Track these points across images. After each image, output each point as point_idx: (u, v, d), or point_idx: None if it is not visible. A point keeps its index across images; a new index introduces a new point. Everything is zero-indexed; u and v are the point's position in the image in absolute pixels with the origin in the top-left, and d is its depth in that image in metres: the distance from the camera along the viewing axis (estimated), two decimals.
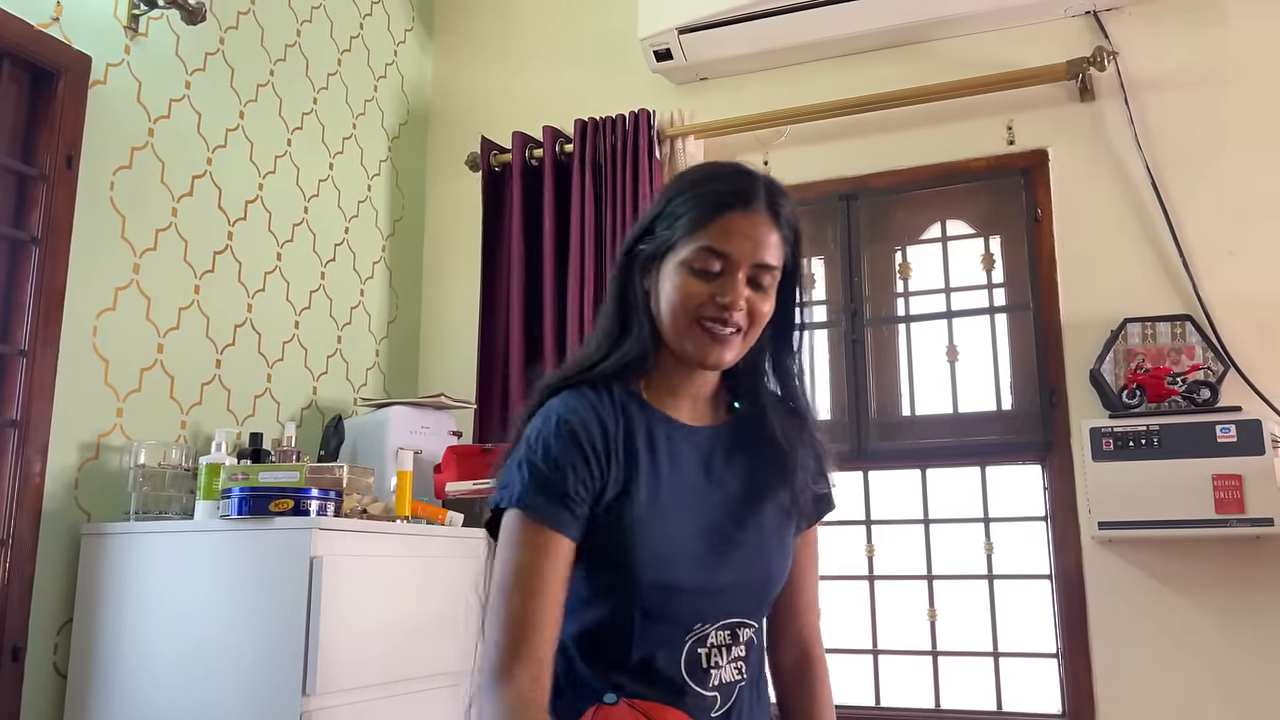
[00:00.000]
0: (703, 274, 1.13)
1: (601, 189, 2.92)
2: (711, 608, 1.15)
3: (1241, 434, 2.22)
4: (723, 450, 1.21)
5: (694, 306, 1.13)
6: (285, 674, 1.83)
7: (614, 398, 1.17)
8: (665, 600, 1.11)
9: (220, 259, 2.48)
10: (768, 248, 1.14)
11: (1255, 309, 2.41)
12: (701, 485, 1.18)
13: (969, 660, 2.60)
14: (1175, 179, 2.52)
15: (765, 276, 1.15)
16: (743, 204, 1.14)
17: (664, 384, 1.20)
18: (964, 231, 2.79)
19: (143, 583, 1.99)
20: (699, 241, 1.13)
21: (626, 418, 1.16)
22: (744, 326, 1.14)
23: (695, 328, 1.14)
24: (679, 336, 1.15)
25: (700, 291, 1.13)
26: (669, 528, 1.13)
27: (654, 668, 1.11)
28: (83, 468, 2.09)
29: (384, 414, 2.64)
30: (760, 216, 1.14)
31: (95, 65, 2.17)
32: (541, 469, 1.10)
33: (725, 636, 1.15)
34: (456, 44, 3.43)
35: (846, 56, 2.88)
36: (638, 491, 1.12)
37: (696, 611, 1.14)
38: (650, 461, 1.15)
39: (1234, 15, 2.55)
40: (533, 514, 1.08)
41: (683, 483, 1.16)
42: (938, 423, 2.70)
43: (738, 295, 1.12)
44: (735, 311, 1.12)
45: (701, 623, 1.14)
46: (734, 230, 1.13)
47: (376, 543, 2.04)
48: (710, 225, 1.13)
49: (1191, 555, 2.36)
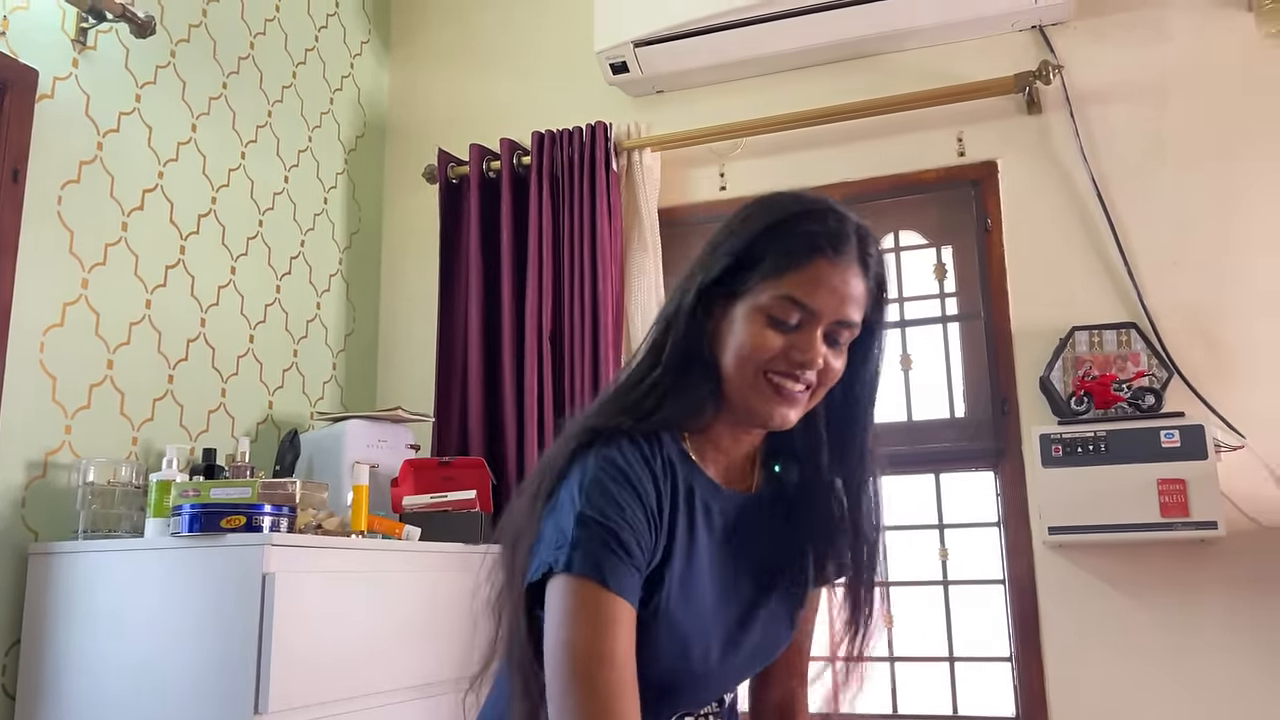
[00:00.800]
0: (779, 324, 1.02)
1: (559, 201, 2.93)
2: (712, 692, 1.11)
3: (1185, 439, 2.27)
4: (751, 521, 1.11)
5: (765, 360, 1.02)
6: (238, 692, 1.81)
7: (664, 453, 1.04)
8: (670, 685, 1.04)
9: (173, 273, 2.45)
10: (853, 303, 1.03)
11: (1197, 317, 2.47)
12: (726, 564, 1.08)
13: (925, 665, 2.62)
14: (1120, 190, 2.58)
15: (844, 333, 1.04)
16: (834, 251, 1.02)
17: (710, 440, 1.09)
18: (916, 242, 2.83)
19: (92, 602, 1.96)
20: (781, 290, 1.01)
21: (673, 479, 1.04)
22: (814, 385, 1.04)
23: (762, 381, 1.03)
24: (743, 389, 1.04)
25: (775, 345, 1.02)
26: (693, 614, 1.03)
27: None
28: (30, 486, 2.05)
29: (340, 428, 2.62)
30: (851, 267, 1.03)
31: (42, 79, 2.15)
32: (602, 528, 0.95)
33: (712, 707, 1.13)
34: (413, 56, 3.43)
35: (800, 70, 2.92)
36: (671, 568, 1.02)
37: (695, 696, 1.10)
38: (689, 534, 1.04)
39: (1175, 31, 2.61)
40: (595, 577, 0.92)
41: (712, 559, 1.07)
42: (892, 431, 2.73)
43: (816, 354, 1.02)
44: (810, 370, 1.03)
45: (697, 706, 1.11)
46: (822, 281, 1.01)
47: (331, 558, 2.03)
48: (797, 272, 1.01)
49: (1139, 558, 2.41)
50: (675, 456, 1.05)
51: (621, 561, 0.94)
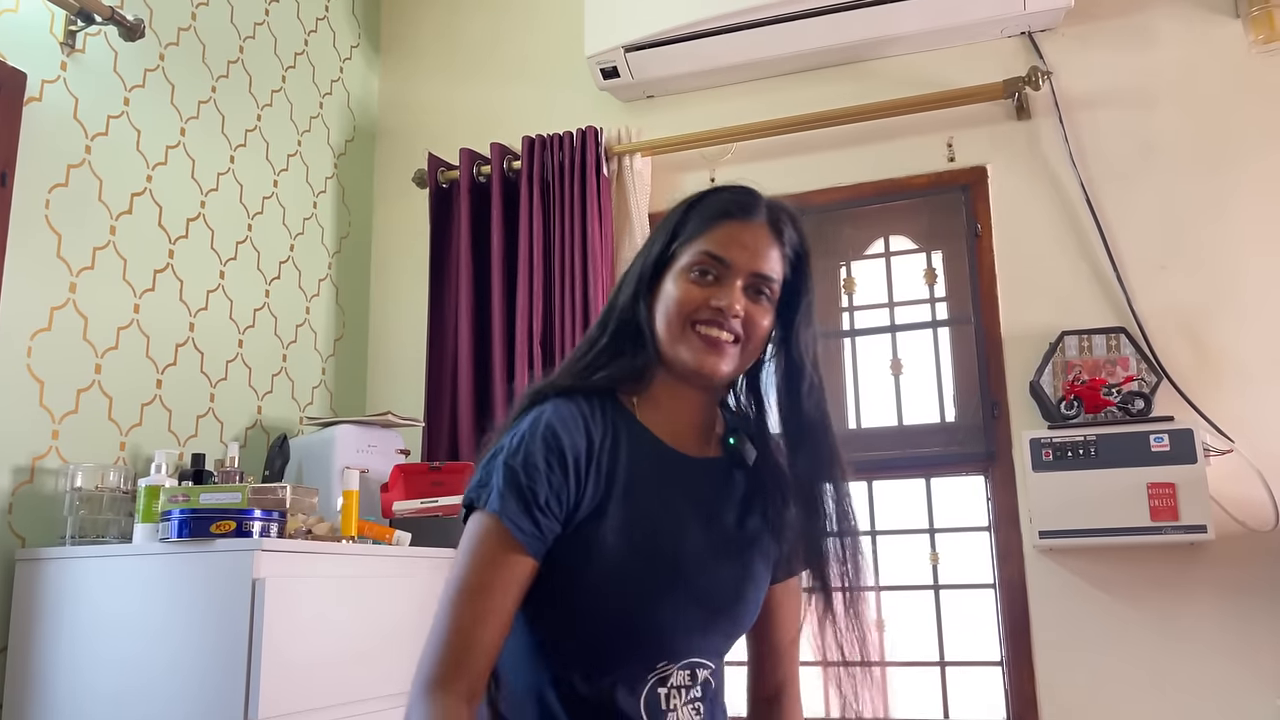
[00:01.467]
0: (701, 279, 1.13)
1: (549, 206, 2.93)
2: (676, 647, 1.12)
3: (1174, 443, 2.28)
4: (709, 485, 1.17)
5: (690, 310, 1.12)
6: (228, 698, 1.79)
7: (605, 411, 1.13)
8: (630, 635, 1.08)
9: (161, 277, 2.44)
10: (766, 259, 1.14)
11: (1186, 321, 2.48)
12: (681, 517, 1.13)
13: (916, 670, 2.63)
14: (1108, 195, 2.59)
15: (764, 288, 1.14)
16: (743, 213, 1.15)
17: (658, 406, 1.17)
18: (907, 247, 2.83)
19: (80, 608, 1.94)
20: (699, 247, 1.14)
21: (614, 434, 1.12)
22: (740, 336, 1.13)
23: (690, 332, 1.12)
24: (674, 342, 1.13)
25: (697, 296, 1.12)
26: (641, 559, 1.08)
27: (615, 707, 1.08)
28: (16, 491, 2.04)
29: (330, 433, 2.61)
30: (760, 228, 1.15)
31: (30, 82, 2.13)
32: (518, 474, 1.05)
33: (685, 677, 1.13)
34: (403, 61, 3.42)
35: (790, 75, 2.93)
36: (612, 516, 1.08)
37: (661, 649, 1.11)
38: (630, 484, 1.10)
39: (1163, 38, 2.63)
40: (502, 520, 1.03)
41: (662, 512, 1.12)
42: (883, 435, 2.74)
43: (734, 300, 1.11)
44: (731, 317, 1.11)
45: (665, 662, 1.11)
46: (733, 237, 1.13)
47: (321, 563, 2.02)
48: (711, 232, 1.14)
49: (1128, 562, 2.42)
50: (617, 415, 1.14)
51: (528, 511, 1.04)
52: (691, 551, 1.12)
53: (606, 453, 1.10)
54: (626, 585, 1.07)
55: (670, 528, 1.12)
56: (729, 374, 1.14)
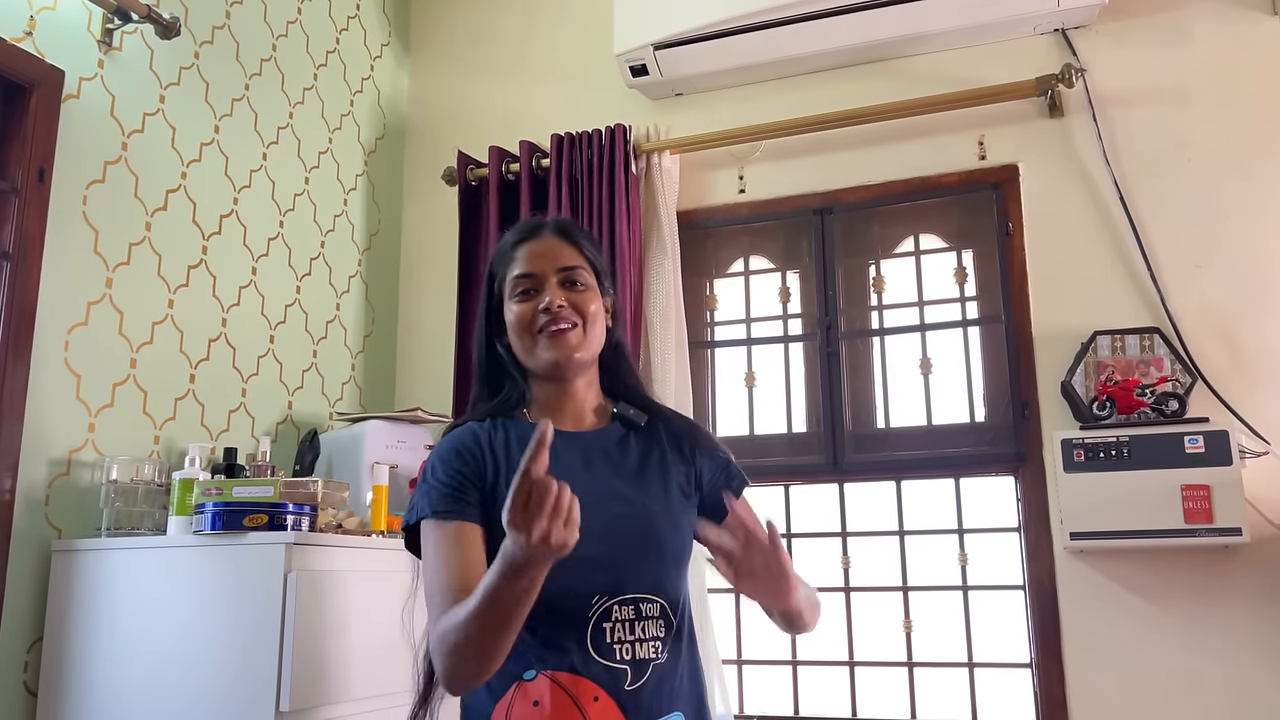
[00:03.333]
0: (524, 297, 1.35)
1: (578, 203, 2.93)
2: (603, 580, 1.25)
3: (1209, 445, 2.25)
4: (605, 448, 1.37)
5: (527, 322, 1.34)
6: (259, 690, 1.81)
7: (495, 423, 1.36)
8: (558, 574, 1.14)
9: (195, 273, 2.47)
10: (564, 256, 1.37)
11: (1221, 321, 2.45)
12: (581, 475, 1.29)
13: (944, 671, 2.61)
14: (1143, 193, 2.57)
15: (578, 275, 1.36)
16: (531, 234, 1.39)
17: (543, 407, 1.38)
18: (937, 245, 2.82)
19: (114, 600, 1.97)
20: (511, 274, 1.37)
21: (507, 433, 1.34)
22: (578, 321, 1.34)
23: (538, 338, 1.33)
24: (531, 353, 1.34)
25: (527, 309, 1.34)
26: None
27: (563, 644, 1.23)
28: (53, 484, 2.07)
29: (360, 428, 2.63)
30: (548, 239, 1.38)
31: (68, 79, 2.16)
32: (434, 484, 1.28)
33: (629, 612, 1.25)
34: (433, 59, 3.44)
35: (820, 72, 2.92)
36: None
37: (590, 583, 1.24)
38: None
39: (1197, 33, 2.60)
40: (438, 517, 1.26)
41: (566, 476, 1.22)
42: (912, 435, 2.72)
43: (554, 297, 1.33)
44: (559, 309, 1.32)
45: (599, 595, 1.24)
46: (530, 255, 1.37)
47: (351, 558, 2.03)
48: (514, 260, 1.37)
49: (1161, 565, 2.39)
50: (506, 422, 1.36)
51: (450, 498, 1.26)
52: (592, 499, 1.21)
53: (500, 446, 1.32)
54: None
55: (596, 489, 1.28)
56: (584, 356, 1.35)
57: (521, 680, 1.23)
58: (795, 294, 2.91)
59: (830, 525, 2.78)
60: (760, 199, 2.95)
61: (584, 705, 1.21)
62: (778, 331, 2.92)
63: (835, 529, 2.78)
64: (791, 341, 2.89)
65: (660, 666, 1.26)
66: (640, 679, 1.24)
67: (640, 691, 1.23)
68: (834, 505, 2.78)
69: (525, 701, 1.22)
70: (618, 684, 1.22)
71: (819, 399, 2.79)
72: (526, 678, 1.23)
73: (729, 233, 3.01)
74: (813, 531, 2.81)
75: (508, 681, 1.23)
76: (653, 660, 1.26)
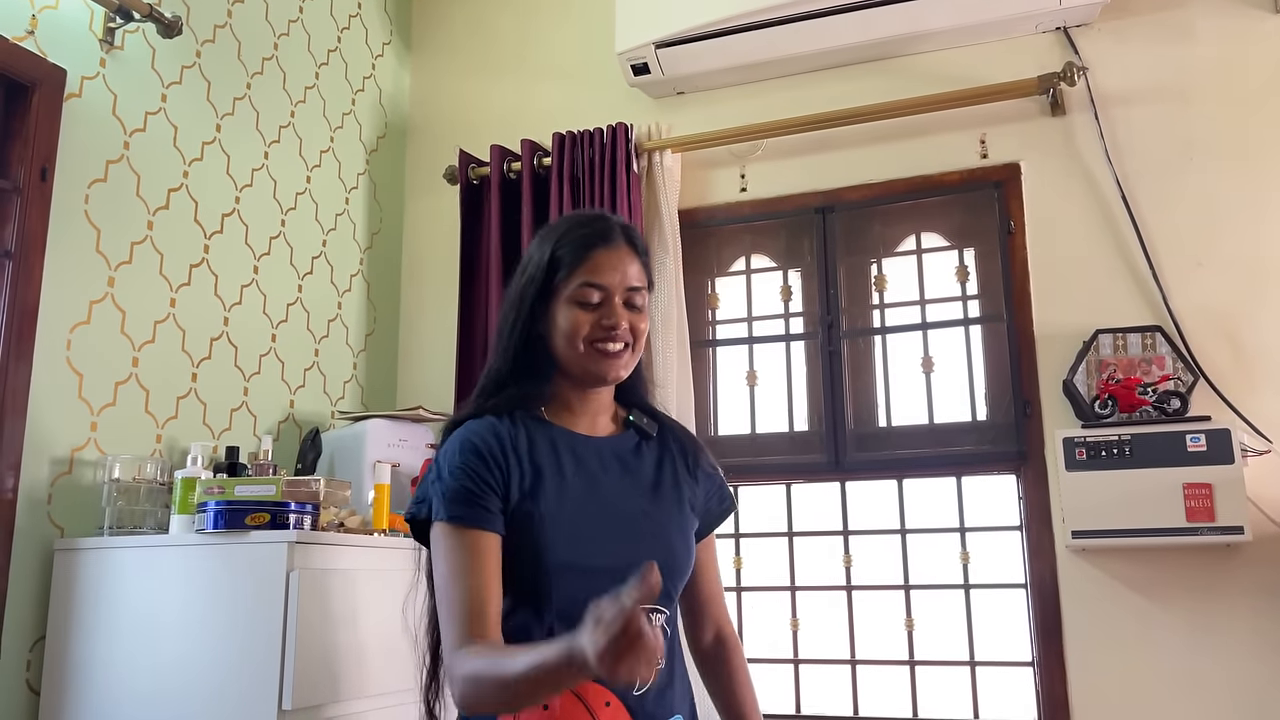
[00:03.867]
0: (586, 305, 1.32)
1: (580, 202, 2.93)
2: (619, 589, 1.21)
3: (1211, 443, 2.25)
4: (620, 455, 1.38)
5: (586, 334, 1.31)
6: (261, 688, 1.81)
7: (514, 419, 1.34)
8: (579, 582, 1.22)
9: (196, 272, 2.47)
10: (632, 274, 1.34)
11: (1223, 319, 2.45)
12: (603, 483, 1.33)
13: (946, 669, 2.61)
14: (1145, 192, 2.56)
15: (637, 298, 1.35)
16: (606, 242, 1.34)
17: (563, 405, 1.38)
18: (938, 244, 2.82)
19: (117, 598, 1.97)
20: (578, 279, 1.32)
21: (528, 433, 1.33)
22: (630, 342, 1.34)
23: (589, 349, 1.32)
24: (579, 360, 1.32)
25: (587, 320, 1.32)
26: (577, 517, 1.28)
27: None
28: (55, 482, 2.07)
29: (362, 427, 2.63)
30: (623, 249, 1.35)
31: (70, 78, 2.16)
32: (451, 483, 1.26)
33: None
34: (434, 57, 3.44)
35: (821, 71, 2.92)
36: (544, 490, 1.28)
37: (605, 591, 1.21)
38: (555, 466, 1.31)
39: (1199, 32, 2.60)
40: (454, 523, 1.23)
41: (587, 482, 1.32)
42: (914, 434, 2.72)
43: (619, 318, 1.32)
44: (619, 331, 1.32)
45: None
46: (604, 265, 1.33)
47: (354, 556, 2.03)
48: (584, 264, 1.32)
49: (1163, 563, 2.39)
50: (527, 420, 1.34)
51: (469, 503, 1.24)
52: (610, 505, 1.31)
53: (523, 447, 1.30)
54: (562, 541, 1.25)
55: (592, 493, 1.31)
56: (626, 375, 1.36)
57: None
58: (797, 292, 2.91)
59: (832, 524, 2.78)
60: (762, 197, 2.95)
61: (595, 710, 1.22)
62: (779, 330, 2.92)
63: (837, 528, 2.78)
64: (793, 340, 2.89)
65: (662, 672, 1.29)
66: (647, 685, 1.26)
67: (647, 697, 1.26)
68: (836, 504, 2.78)
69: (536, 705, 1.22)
70: (628, 690, 1.24)
71: (820, 398, 2.79)
72: None
73: (730, 231, 3.01)
74: (814, 530, 2.81)
75: None
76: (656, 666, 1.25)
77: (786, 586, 2.79)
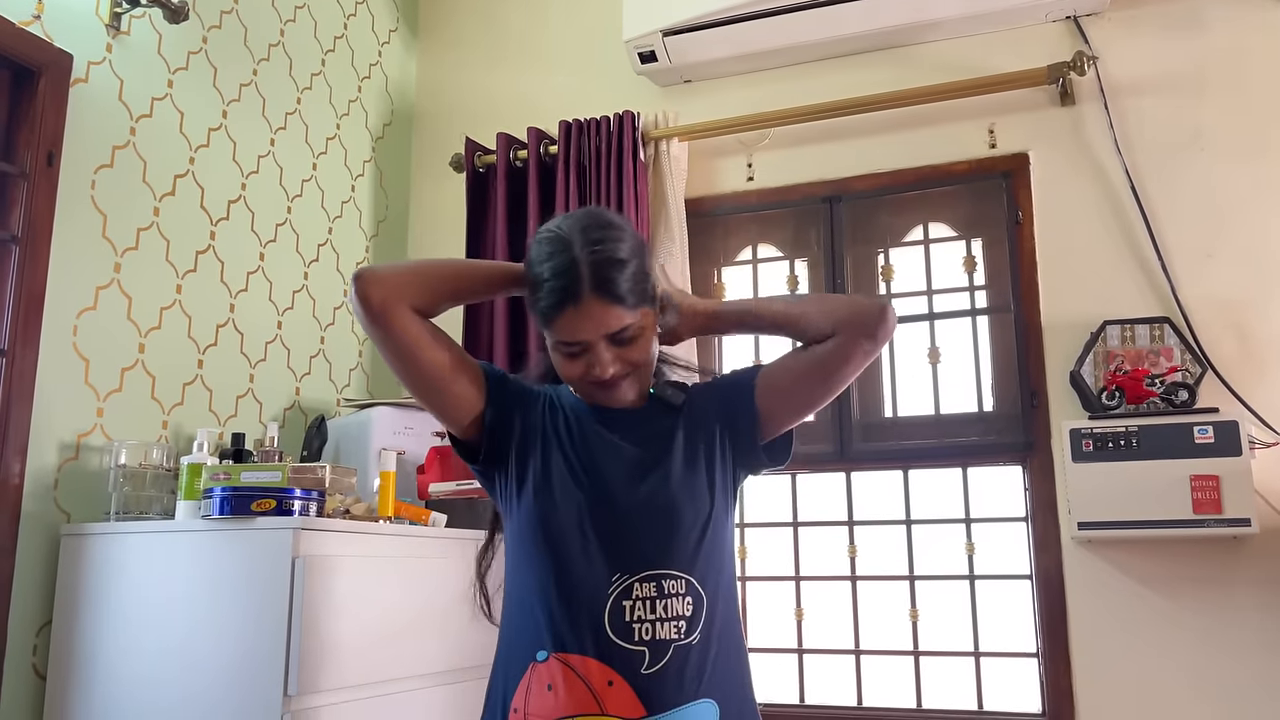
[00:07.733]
0: (570, 357, 1.26)
1: (586, 190, 2.92)
2: (624, 554, 1.23)
3: (1219, 435, 2.24)
4: (634, 424, 1.33)
5: (576, 379, 1.29)
6: (267, 674, 1.82)
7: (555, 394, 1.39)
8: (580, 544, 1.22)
9: (203, 258, 2.47)
10: (609, 323, 1.23)
11: (1232, 311, 2.44)
12: (608, 450, 1.31)
13: (950, 660, 2.61)
14: (1154, 182, 2.55)
15: (626, 332, 1.25)
16: (572, 300, 1.22)
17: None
18: (946, 234, 2.80)
19: (123, 583, 1.97)
20: (554, 337, 1.26)
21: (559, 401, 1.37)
22: (628, 371, 1.28)
23: (586, 387, 1.30)
24: (580, 392, 1.33)
25: (575, 369, 1.27)
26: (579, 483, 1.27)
27: (580, 622, 1.20)
28: (62, 468, 2.07)
29: (367, 414, 2.63)
30: (591, 303, 1.22)
31: (77, 63, 2.16)
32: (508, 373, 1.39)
33: (650, 589, 1.21)
34: (441, 45, 3.43)
35: (829, 60, 2.90)
36: (552, 452, 1.31)
37: (610, 556, 1.23)
38: (568, 433, 1.32)
39: (1211, 21, 2.58)
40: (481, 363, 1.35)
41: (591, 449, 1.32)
42: (919, 424, 2.72)
43: (605, 366, 1.25)
44: (608, 378, 1.26)
45: (620, 573, 1.22)
46: (576, 324, 1.23)
47: (359, 543, 2.04)
48: (554, 326, 1.24)
49: (1170, 555, 2.39)
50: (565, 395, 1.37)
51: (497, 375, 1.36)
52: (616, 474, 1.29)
53: (549, 411, 1.35)
54: (569, 503, 1.26)
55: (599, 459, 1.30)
56: (634, 398, 1.33)
57: (535, 661, 1.21)
58: (803, 282, 2.90)
59: (837, 514, 2.78)
60: (769, 187, 2.93)
61: (597, 690, 1.17)
62: None
63: (842, 518, 2.77)
64: None
65: (685, 648, 1.19)
66: (659, 661, 1.18)
67: (659, 675, 1.17)
68: (841, 494, 2.78)
69: (540, 685, 1.20)
70: (633, 667, 1.17)
71: None
72: (538, 659, 1.21)
73: (737, 220, 3.00)
74: (820, 520, 2.80)
75: (524, 663, 1.23)
76: (675, 641, 1.19)
77: (791, 576, 2.79)
